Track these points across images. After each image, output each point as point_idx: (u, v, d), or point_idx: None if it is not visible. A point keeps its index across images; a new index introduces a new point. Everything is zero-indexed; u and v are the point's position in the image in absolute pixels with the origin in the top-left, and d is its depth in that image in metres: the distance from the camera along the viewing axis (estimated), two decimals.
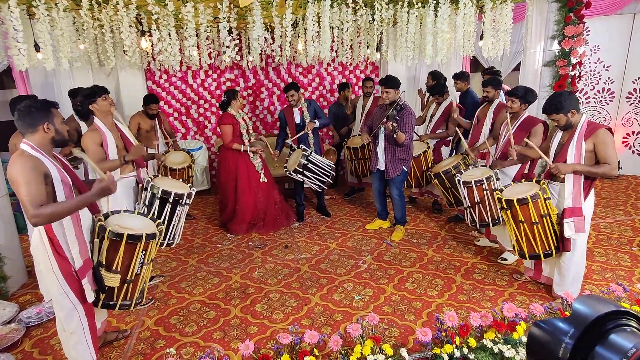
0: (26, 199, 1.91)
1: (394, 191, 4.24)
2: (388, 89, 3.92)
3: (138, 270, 2.40)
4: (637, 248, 3.83)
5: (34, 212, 1.90)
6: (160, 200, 3.15)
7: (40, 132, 2.09)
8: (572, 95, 2.80)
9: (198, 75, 5.98)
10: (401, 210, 4.34)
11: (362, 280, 3.49)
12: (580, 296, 0.68)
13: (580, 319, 0.62)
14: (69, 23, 3.37)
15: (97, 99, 2.95)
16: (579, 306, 0.65)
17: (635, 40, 5.67)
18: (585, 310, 0.63)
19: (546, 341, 0.65)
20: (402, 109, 3.95)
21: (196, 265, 3.89)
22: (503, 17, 4.16)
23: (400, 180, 4.19)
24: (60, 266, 2.12)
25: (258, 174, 4.53)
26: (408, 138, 3.95)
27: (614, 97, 5.99)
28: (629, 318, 0.63)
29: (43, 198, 1.97)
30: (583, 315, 0.62)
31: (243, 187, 4.49)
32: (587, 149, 2.75)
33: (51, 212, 1.95)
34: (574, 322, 0.62)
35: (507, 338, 2.37)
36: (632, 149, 6.05)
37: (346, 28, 3.75)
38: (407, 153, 4.10)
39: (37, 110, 2.09)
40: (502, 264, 3.64)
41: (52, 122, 2.12)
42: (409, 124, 3.95)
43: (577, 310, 0.64)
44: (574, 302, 0.66)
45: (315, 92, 6.48)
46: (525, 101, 3.42)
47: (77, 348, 2.29)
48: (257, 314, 3.06)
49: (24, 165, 1.96)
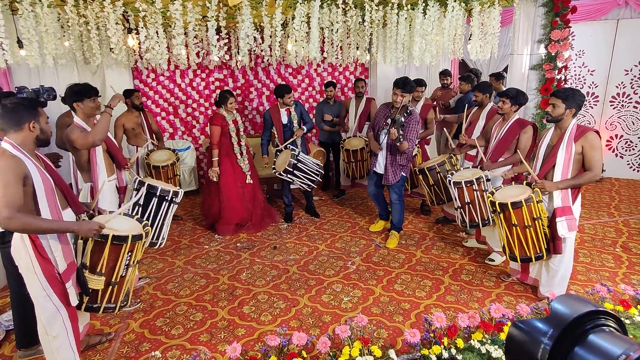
0: (2, 200, 1.87)
1: (393, 196, 4.11)
2: (405, 93, 3.68)
3: (123, 272, 2.35)
4: (620, 249, 3.90)
5: (8, 214, 1.86)
6: (147, 195, 3.10)
7: (26, 130, 2.05)
8: (583, 99, 2.83)
9: (186, 74, 5.92)
10: (400, 215, 4.21)
11: (350, 282, 3.48)
12: (559, 296, 0.67)
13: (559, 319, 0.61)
14: (54, 19, 3.30)
15: (84, 99, 2.88)
16: (557, 306, 0.64)
17: (618, 45, 5.78)
18: (564, 310, 0.62)
19: (524, 342, 0.64)
20: (410, 114, 3.79)
21: (183, 266, 3.84)
22: (491, 21, 4.21)
23: (400, 184, 4.05)
24: (42, 268, 2.06)
25: (245, 175, 4.50)
26: (411, 147, 3.82)
27: (598, 101, 6.11)
28: (607, 318, 0.62)
29: (20, 201, 1.92)
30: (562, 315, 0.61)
31: (229, 187, 4.45)
32: (577, 151, 2.79)
33: (26, 222, 1.91)
34: (552, 322, 0.62)
35: (495, 338, 2.38)
36: (615, 152, 6.17)
37: (336, 29, 3.75)
38: (407, 160, 3.97)
39: (24, 108, 2.05)
40: (490, 264, 3.67)
41: (38, 121, 2.09)
42: (414, 132, 3.79)
43: (555, 310, 0.64)
44: (553, 302, 0.65)
45: (305, 92, 6.46)
46: (516, 102, 3.46)
47: (60, 352, 2.23)
48: (245, 316, 3.03)
49: (3, 166, 1.91)
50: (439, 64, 6.36)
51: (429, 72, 6.63)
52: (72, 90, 2.90)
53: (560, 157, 2.82)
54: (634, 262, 3.65)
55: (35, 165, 2.05)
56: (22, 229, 1.95)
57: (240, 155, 4.45)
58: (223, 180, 4.43)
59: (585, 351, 0.57)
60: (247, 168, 4.50)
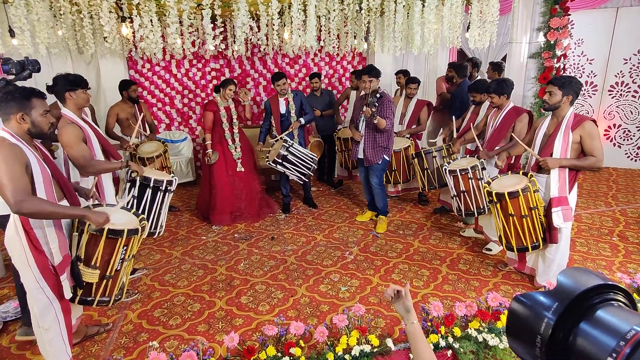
0: (10, 186, 1.84)
1: (374, 179, 4.22)
2: (372, 77, 3.93)
3: (118, 266, 2.33)
4: (617, 238, 3.91)
5: (21, 197, 1.84)
6: (140, 187, 3.08)
7: (13, 122, 1.99)
8: (580, 86, 2.83)
9: (182, 64, 5.86)
10: (382, 200, 4.33)
11: (348, 272, 3.48)
12: (565, 269, 0.64)
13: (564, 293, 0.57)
14: (45, 7, 3.24)
15: (78, 89, 2.79)
16: (563, 279, 0.60)
17: (617, 34, 5.74)
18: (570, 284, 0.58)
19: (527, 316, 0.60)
20: (381, 96, 3.99)
21: (180, 257, 3.83)
22: (490, 9, 4.16)
23: (381, 168, 4.18)
24: (36, 260, 2.04)
25: (235, 162, 4.47)
26: (389, 124, 3.96)
27: (596, 90, 6.08)
28: (616, 292, 0.59)
29: (28, 187, 1.90)
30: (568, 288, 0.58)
31: (220, 176, 4.44)
32: (574, 140, 2.78)
33: (38, 205, 1.90)
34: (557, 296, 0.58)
35: (491, 327, 2.39)
36: (613, 142, 6.16)
37: (333, 17, 3.70)
38: (388, 140, 4.09)
39: (13, 98, 1.98)
40: (487, 254, 3.67)
41: (28, 113, 2.01)
42: (389, 110, 3.97)
43: (561, 283, 0.60)
44: (559, 275, 0.62)
45: (302, 82, 6.42)
46: (501, 92, 3.47)
47: (52, 344, 2.21)
48: (243, 306, 3.03)
49: (5, 153, 1.88)
50: (437, 53, 6.31)
51: (426, 61, 6.58)
52: (66, 78, 2.79)
53: (557, 146, 2.81)
54: (630, 250, 3.66)
55: (34, 155, 2.02)
56: (34, 213, 1.92)
57: (232, 142, 4.42)
58: (214, 167, 4.43)
59: (591, 327, 0.53)
60: (238, 156, 4.47)
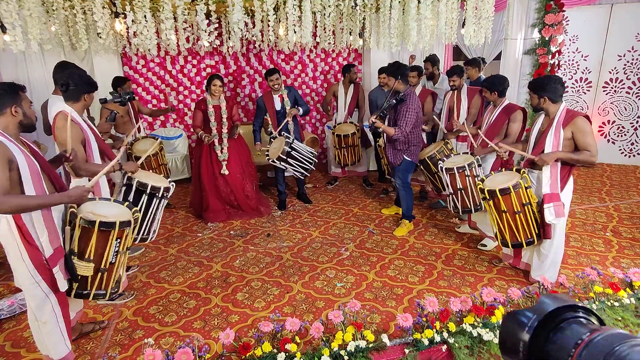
0: None
1: (397, 180, 4.10)
2: (389, 76, 3.76)
3: (113, 259, 2.33)
4: (610, 234, 3.94)
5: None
6: (136, 192, 3.04)
7: (8, 115, 2.03)
8: (558, 84, 2.81)
9: (177, 61, 5.83)
10: (406, 203, 4.13)
11: (344, 268, 3.49)
12: (548, 294, 0.75)
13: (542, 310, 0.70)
14: (38, 3, 3.21)
15: (93, 92, 2.73)
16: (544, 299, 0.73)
17: (612, 30, 5.76)
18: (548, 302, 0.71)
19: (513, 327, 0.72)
20: (402, 100, 3.75)
21: (176, 254, 3.83)
22: (485, 5, 4.16)
23: (403, 169, 4.00)
24: (30, 255, 2.05)
25: (220, 164, 4.43)
26: (399, 134, 3.76)
27: (591, 87, 6.11)
28: (587, 313, 0.69)
29: (6, 184, 1.90)
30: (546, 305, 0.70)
31: (208, 177, 4.45)
32: (566, 136, 2.78)
33: (19, 203, 1.92)
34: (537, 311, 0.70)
35: (486, 322, 2.40)
36: (607, 138, 6.20)
37: (328, 13, 3.69)
38: (405, 144, 3.90)
39: (4, 92, 2.03)
40: (482, 250, 3.69)
41: (20, 105, 2.07)
42: (403, 119, 3.74)
43: (542, 301, 0.72)
44: (542, 296, 0.74)
45: (298, 79, 6.40)
46: (493, 89, 3.50)
47: (50, 337, 2.22)
48: (238, 303, 3.03)
49: None
50: (432, 50, 6.31)
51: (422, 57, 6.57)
52: (85, 80, 2.68)
53: (549, 143, 2.82)
54: (623, 246, 3.69)
55: (20, 150, 2.02)
56: (13, 210, 1.94)
57: (219, 143, 4.39)
58: (202, 168, 4.44)
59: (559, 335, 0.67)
60: (224, 157, 4.42)
